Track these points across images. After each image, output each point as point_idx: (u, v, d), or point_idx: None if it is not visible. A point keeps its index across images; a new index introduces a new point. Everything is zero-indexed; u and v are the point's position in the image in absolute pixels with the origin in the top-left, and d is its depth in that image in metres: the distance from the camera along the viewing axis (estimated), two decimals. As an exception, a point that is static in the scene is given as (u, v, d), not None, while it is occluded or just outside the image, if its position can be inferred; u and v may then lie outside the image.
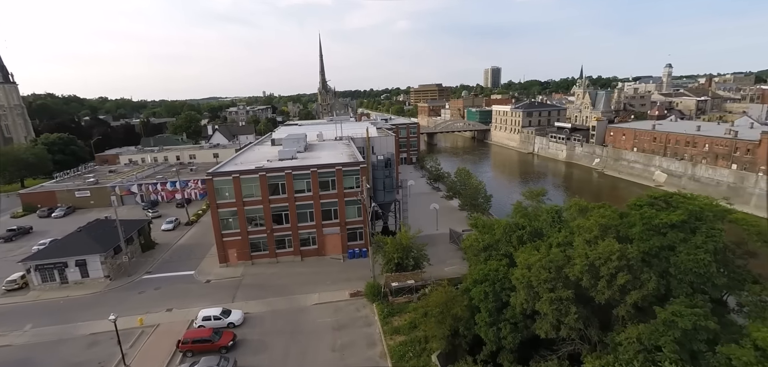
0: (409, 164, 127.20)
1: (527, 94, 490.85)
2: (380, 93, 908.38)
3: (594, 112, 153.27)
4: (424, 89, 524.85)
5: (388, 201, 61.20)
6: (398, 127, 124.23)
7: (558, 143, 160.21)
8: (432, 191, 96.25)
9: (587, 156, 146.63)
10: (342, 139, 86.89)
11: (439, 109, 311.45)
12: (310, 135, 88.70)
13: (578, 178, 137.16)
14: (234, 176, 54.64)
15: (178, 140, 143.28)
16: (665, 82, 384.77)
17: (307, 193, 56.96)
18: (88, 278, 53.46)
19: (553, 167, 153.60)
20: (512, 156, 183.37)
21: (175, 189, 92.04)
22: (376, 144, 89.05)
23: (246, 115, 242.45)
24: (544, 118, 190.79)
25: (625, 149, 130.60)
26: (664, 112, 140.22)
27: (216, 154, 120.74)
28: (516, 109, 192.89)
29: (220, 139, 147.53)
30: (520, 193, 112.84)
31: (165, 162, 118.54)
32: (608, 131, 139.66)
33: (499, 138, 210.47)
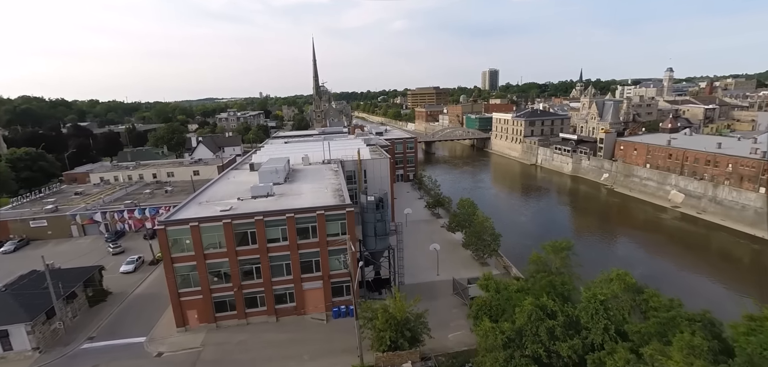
0: (406, 181, 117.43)
1: (526, 98, 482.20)
2: (377, 94, 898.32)
3: (601, 123, 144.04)
4: (421, 92, 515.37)
5: (380, 249, 51.34)
6: (394, 142, 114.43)
7: (563, 155, 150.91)
8: (431, 217, 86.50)
9: (595, 170, 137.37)
10: (330, 163, 76.97)
11: (437, 114, 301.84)
12: (295, 157, 78.77)
13: (586, 194, 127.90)
14: (192, 225, 44.67)
15: (157, 154, 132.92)
16: (666, 86, 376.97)
17: (282, 242, 47.06)
18: (11, 352, 43.38)
19: (557, 181, 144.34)
20: (514, 167, 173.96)
21: (143, 217, 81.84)
22: (368, 168, 79.28)
23: (237, 121, 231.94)
24: (547, 127, 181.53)
25: (636, 165, 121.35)
26: (677, 125, 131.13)
27: (196, 171, 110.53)
28: (518, 117, 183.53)
29: (204, 153, 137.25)
30: (526, 215, 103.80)
31: (140, 181, 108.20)
32: (618, 145, 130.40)
33: (499, 147, 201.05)
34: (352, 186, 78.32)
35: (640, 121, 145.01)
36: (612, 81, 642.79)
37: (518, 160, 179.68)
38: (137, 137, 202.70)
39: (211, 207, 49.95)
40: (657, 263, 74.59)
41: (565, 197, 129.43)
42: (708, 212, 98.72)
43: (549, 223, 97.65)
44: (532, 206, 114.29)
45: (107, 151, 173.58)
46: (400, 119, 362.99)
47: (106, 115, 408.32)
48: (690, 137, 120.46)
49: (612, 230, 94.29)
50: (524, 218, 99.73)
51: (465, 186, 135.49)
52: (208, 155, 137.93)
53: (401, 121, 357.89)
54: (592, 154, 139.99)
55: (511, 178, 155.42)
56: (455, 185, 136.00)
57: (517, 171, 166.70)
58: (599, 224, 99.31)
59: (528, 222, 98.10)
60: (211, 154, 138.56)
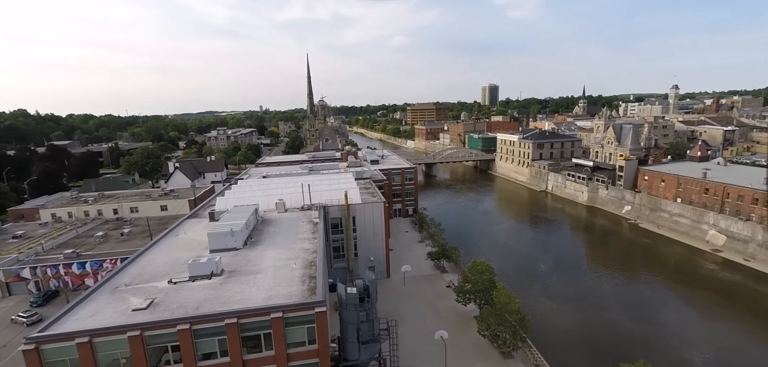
0: (405, 217, 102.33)
1: (527, 114, 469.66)
2: (376, 109, 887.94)
3: (620, 148, 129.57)
4: (421, 108, 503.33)
5: (365, 360, 35.86)
6: (391, 172, 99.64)
7: (577, 183, 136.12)
8: (435, 271, 71.17)
9: (614, 202, 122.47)
10: (311, 209, 61.94)
11: (437, 132, 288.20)
12: (269, 200, 63.85)
13: (604, 228, 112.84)
14: (81, 342, 29.39)
15: (127, 182, 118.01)
16: (672, 103, 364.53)
17: (221, 358, 31.79)
18: None
19: (571, 211, 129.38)
20: (521, 193, 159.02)
21: (83, 272, 66.49)
22: (358, 214, 64.30)
23: (226, 141, 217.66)
24: (556, 150, 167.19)
25: (665, 198, 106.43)
26: (707, 152, 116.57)
27: (164, 205, 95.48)
28: (525, 139, 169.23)
29: (180, 181, 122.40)
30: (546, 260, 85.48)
31: (98, 218, 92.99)
32: (641, 174, 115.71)
33: (505, 170, 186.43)
34: (338, 237, 63.32)
35: (663, 147, 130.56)
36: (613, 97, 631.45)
37: (526, 186, 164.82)
38: (118, 158, 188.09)
39: (128, 298, 34.83)
40: (717, 333, 59.14)
41: (580, 229, 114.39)
42: (758, 258, 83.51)
43: (575, 270, 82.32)
44: (551, 245, 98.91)
45: (83, 173, 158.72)
46: (399, 136, 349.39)
47: (98, 130, 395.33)
48: (726, 168, 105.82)
49: (648, 280, 78.97)
50: (545, 266, 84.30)
51: (470, 218, 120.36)
52: (185, 183, 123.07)
53: (400, 138, 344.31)
54: (610, 183, 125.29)
55: (520, 207, 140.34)
56: (459, 217, 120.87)
57: (526, 198, 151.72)
58: (628, 268, 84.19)
59: (552, 273, 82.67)
60: (188, 182, 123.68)
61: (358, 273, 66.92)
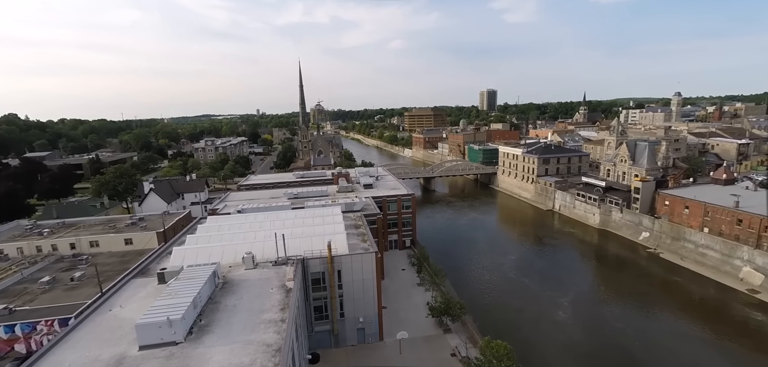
0: (402, 249, 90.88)
1: (526, 119, 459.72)
2: (374, 113, 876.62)
3: (635, 168, 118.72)
4: (419, 114, 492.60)
5: None
6: (386, 200, 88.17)
7: (588, 204, 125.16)
8: (437, 330, 59.67)
9: (630, 227, 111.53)
10: (288, 263, 50.44)
11: (435, 141, 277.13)
12: (237, 250, 52.32)
13: (619, 256, 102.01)
14: None
15: (95, 207, 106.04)
16: (675, 111, 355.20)
17: None
18: None
19: (581, 235, 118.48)
20: (525, 211, 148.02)
21: (13, 337, 54.60)
22: (345, 268, 52.91)
23: (214, 152, 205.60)
24: (563, 166, 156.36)
25: (689, 227, 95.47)
26: (734, 175, 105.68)
27: (129, 239, 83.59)
28: (529, 154, 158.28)
29: (155, 204, 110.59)
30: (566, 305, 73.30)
31: (52, 254, 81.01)
32: (660, 199, 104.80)
33: (507, 185, 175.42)
34: (321, 295, 51.94)
35: (682, 168, 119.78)
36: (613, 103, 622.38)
37: (531, 203, 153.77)
38: (98, 172, 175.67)
39: None
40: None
41: (591, 256, 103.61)
42: (804, 304, 72.64)
43: (598, 318, 71.08)
44: (567, 282, 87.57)
45: (55, 192, 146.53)
46: (396, 144, 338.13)
47: (87, 137, 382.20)
48: (756, 193, 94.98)
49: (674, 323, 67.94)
50: (564, 314, 72.84)
51: (473, 245, 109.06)
52: (160, 207, 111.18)
53: (397, 146, 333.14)
54: (625, 205, 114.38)
55: (526, 229, 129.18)
56: (461, 244, 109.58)
57: (531, 217, 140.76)
58: (648, 303, 73.36)
59: (574, 323, 71.34)
60: (163, 205, 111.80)
61: (345, 337, 55.51)
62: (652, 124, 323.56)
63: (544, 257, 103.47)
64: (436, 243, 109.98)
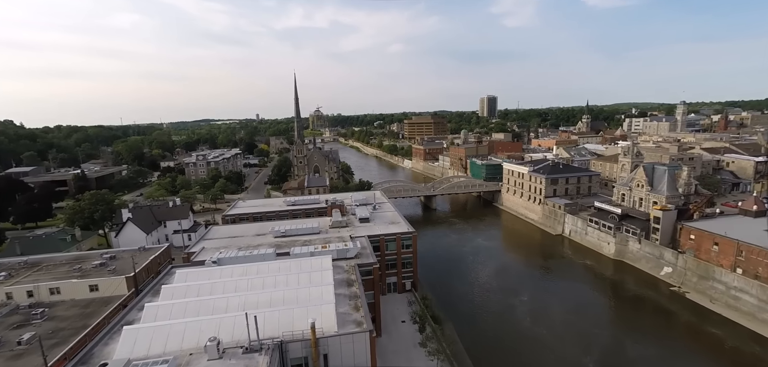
0: (402, 292, 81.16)
1: (527, 127, 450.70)
2: (374, 119, 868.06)
3: (653, 194, 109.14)
4: (419, 121, 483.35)
5: None
6: (384, 239, 78.55)
7: (602, 232, 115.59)
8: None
9: (650, 260, 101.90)
10: (261, 350, 40.71)
11: (436, 152, 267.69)
12: (202, 329, 42.63)
13: (641, 295, 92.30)
14: None
15: (64, 240, 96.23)
16: (680, 120, 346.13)
17: None
18: None
19: (596, 265, 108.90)
20: (533, 235, 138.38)
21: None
22: (332, 352, 43.31)
23: (206, 167, 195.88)
24: (572, 186, 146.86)
25: (719, 266, 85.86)
26: (765, 206, 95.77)
27: (94, 285, 73.85)
28: (536, 173, 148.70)
29: (132, 235, 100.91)
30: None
31: (7, 304, 71.21)
32: (685, 232, 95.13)
33: (512, 204, 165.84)
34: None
35: (706, 195, 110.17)
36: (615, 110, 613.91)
37: (538, 226, 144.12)
38: (82, 192, 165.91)
39: None
40: None
41: (606, 291, 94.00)
42: None
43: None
44: (589, 334, 77.87)
45: (33, 214, 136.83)
46: (396, 154, 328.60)
47: (81, 146, 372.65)
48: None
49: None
50: None
51: (478, 279, 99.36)
52: (138, 239, 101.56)
53: (397, 156, 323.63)
54: (643, 235, 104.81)
55: (534, 257, 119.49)
56: (467, 279, 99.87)
57: (539, 243, 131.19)
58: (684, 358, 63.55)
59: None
60: (142, 237, 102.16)
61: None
62: (658, 134, 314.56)
63: (559, 296, 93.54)
64: (438, 276, 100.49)
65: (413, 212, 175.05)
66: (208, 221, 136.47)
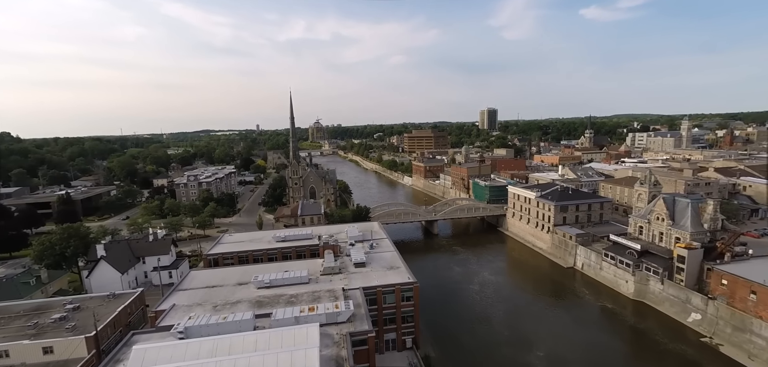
0: (402, 350, 71.15)
1: (528, 141, 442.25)
2: (374, 130, 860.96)
3: (676, 229, 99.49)
4: (419, 135, 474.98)
5: None
6: (382, 292, 68.81)
7: (619, 268, 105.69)
8: None
9: (675, 304, 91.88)
10: None
11: (437, 170, 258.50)
12: None
13: (664, 343, 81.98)
14: None
15: (27, 284, 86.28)
16: (685, 136, 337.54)
17: None
18: None
19: (613, 305, 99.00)
20: (542, 267, 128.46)
21: None
22: None
23: (198, 188, 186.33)
24: (582, 213, 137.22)
25: (758, 317, 75.90)
26: None
27: (49, 347, 63.91)
28: (544, 199, 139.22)
29: (106, 275, 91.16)
30: None
31: (-56, 371, 61.28)
32: (715, 277, 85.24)
33: (518, 230, 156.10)
34: None
35: (736, 232, 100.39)
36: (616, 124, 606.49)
37: (547, 256, 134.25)
38: (66, 215, 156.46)
39: None
40: None
41: (625, 338, 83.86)
42: None
43: None
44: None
45: (10, 242, 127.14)
46: (395, 170, 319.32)
47: (75, 160, 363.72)
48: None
49: None
50: None
51: (489, 329, 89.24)
52: (114, 279, 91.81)
53: (397, 172, 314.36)
54: (666, 275, 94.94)
55: (546, 295, 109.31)
56: (474, 324, 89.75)
57: (549, 276, 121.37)
58: None
59: None
60: (116, 277, 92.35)
61: None
62: (663, 151, 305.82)
63: (579, 347, 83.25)
64: (443, 323, 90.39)
65: (414, 237, 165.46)
66: (195, 250, 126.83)
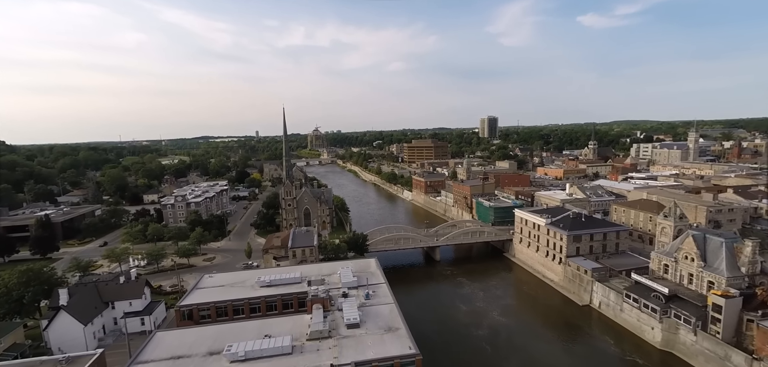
0: (401, 433, 59.52)
1: (530, 152, 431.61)
2: (374, 137, 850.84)
3: (708, 271, 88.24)
4: (419, 145, 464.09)
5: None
6: (378, 365, 57.44)
7: (643, 312, 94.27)
8: None
9: (711, 359, 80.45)
10: None
11: (438, 185, 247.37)
12: None
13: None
14: None
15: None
16: (693, 149, 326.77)
17: None
18: None
19: (636, 356, 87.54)
20: (554, 303, 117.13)
21: None
22: None
23: (186, 209, 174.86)
24: (597, 243, 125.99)
25: (818, 390, 64.42)
26: None
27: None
28: (555, 227, 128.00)
29: (67, 328, 79.76)
30: None
31: None
32: (760, 334, 73.96)
33: (526, 257, 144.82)
34: None
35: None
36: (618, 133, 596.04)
37: (559, 290, 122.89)
38: (42, 242, 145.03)
39: None
40: None
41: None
42: None
43: None
44: None
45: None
46: (395, 183, 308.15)
47: (66, 172, 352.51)
48: None
49: None
50: None
51: None
52: (76, 332, 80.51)
53: (396, 186, 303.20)
54: (699, 325, 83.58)
55: (561, 340, 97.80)
56: None
57: (563, 314, 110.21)
58: None
59: None
60: (80, 329, 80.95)
61: None
62: (671, 164, 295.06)
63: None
64: None
65: (414, 261, 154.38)
66: (176, 285, 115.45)
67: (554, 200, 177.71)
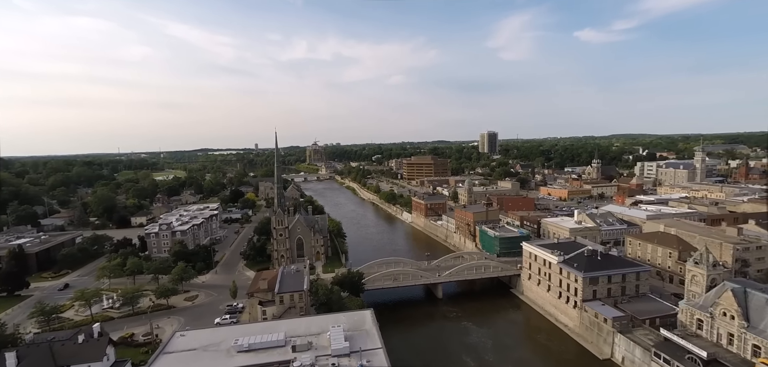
0: None
1: (532, 169, 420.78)
2: (373, 151, 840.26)
3: (752, 333, 76.32)
4: (418, 162, 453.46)
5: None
6: None
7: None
8: None
9: None
10: None
11: (439, 208, 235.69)
12: None
13: None
14: None
15: None
16: (700, 169, 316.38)
17: None
18: None
19: (672, 429, 74.76)
20: (568, 350, 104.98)
21: None
22: None
23: (171, 238, 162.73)
24: (616, 285, 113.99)
25: None
26: None
27: None
28: (569, 266, 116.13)
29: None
30: None
31: None
32: (828, 418, 61.70)
33: (536, 297, 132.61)
34: None
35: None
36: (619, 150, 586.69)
37: (575, 339, 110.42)
38: (12, 277, 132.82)
39: None
40: None
41: None
42: None
43: None
44: None
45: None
46: (394, 204, 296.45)
47: (56, 189, 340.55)
48: None
49: None
50: None
51: None
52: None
53: (396, 206, 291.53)
54: (745, 398, 71.26)
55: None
56: None
57: (572, 360, 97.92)
58: None
59: None
60: (22, 405, 68.07)
61: None
62: (678, 185, 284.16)
63: None
64: None
65: (414, 296, 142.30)
66: (148, 335, 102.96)
67: (563, 229, 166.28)
